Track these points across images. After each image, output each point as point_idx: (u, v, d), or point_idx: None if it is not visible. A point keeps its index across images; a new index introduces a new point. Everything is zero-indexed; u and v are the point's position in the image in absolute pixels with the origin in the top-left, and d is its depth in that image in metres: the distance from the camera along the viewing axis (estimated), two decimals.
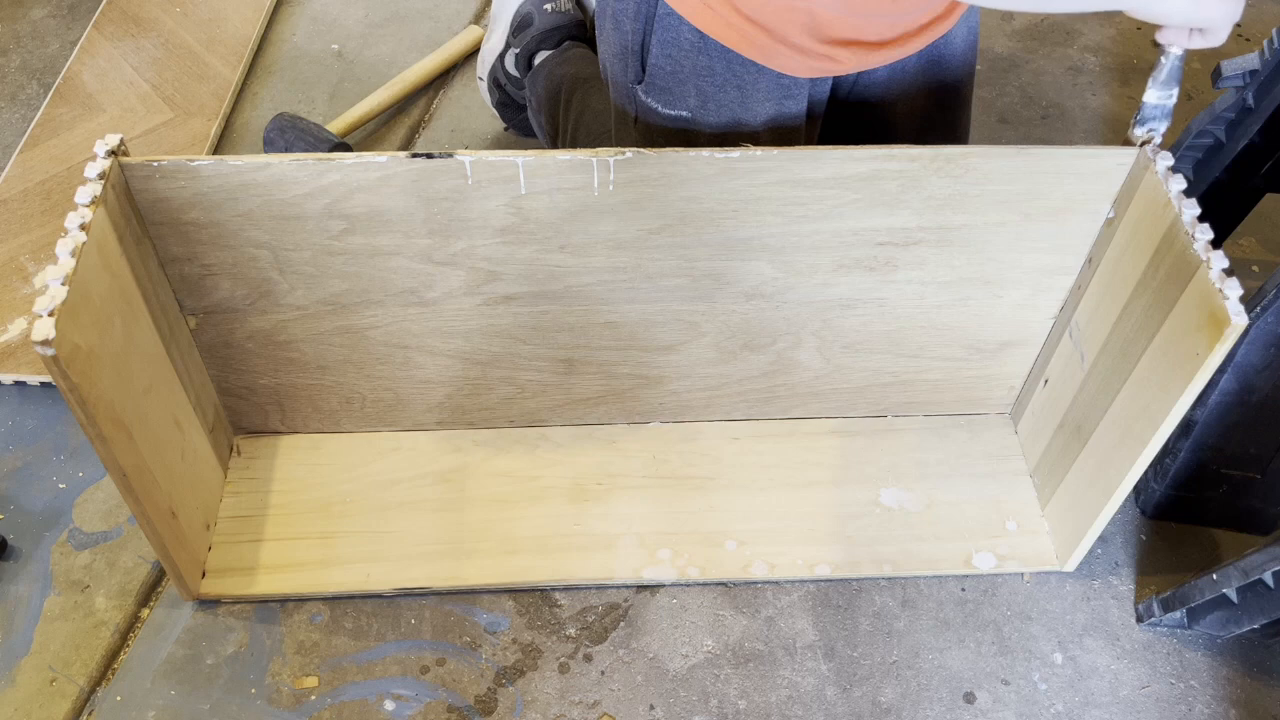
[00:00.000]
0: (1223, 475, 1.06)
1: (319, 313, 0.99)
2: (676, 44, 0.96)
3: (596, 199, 0.91)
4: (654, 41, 0.97)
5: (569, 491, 1.09)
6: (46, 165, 1.37)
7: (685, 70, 0.97)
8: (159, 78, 1.50)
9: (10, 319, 1.20)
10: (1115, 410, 0.93)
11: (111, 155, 0.84)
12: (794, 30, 0.92)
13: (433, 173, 0.88)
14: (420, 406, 1.11)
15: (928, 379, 1.12)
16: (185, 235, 0.91)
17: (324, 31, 1.61)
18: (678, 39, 0.95)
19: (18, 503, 1.08)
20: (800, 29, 0.92)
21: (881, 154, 0.89)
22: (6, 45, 1.58)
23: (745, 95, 0.97)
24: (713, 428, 1.15)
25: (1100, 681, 1.00)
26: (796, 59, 0.94)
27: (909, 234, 0.96)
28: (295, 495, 1.08)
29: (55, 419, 1.15)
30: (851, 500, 1.10)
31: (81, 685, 0.97)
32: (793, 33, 0.92)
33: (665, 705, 0.97)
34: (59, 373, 0.74)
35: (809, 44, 0.93)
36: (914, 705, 0.98)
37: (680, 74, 0.97)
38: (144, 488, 0.87)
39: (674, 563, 1.05)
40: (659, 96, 1.00)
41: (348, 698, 0.97)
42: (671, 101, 1.00)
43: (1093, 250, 0.97)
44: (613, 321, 1.02)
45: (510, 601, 1.03)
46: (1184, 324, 0.83)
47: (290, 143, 1.33)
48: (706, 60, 0.95)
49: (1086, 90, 1.58)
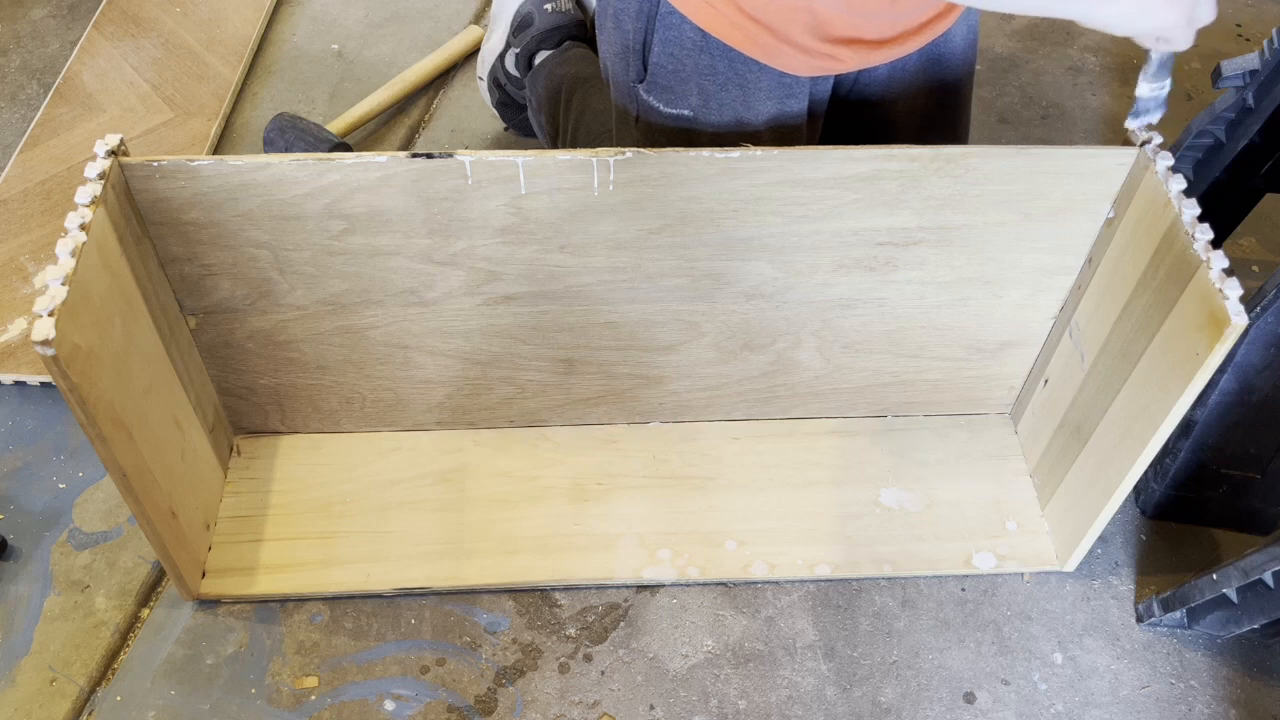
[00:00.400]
0: (1223, 475, 1.06)
1: (319, 313, 0.99)
2: (679, 43, 0.96)
3: (596, 199, 0.91)
4: (656, 40, 0.97)
5: (569, 491, 1.09)
6: (46, 165, 1.37)
7: (687, 69, 0.97)
8: (159, 78, 1.50)
9: (10, 319, 1.20)
10: (1115, 410, 0.93)
11: (111, 155, 0.84)
12: (796, 29, 0.92)
13: (433, 173, 0.88)
14: (420, 406, 1.11)
15: (928, 379, 1.12)
16: (185, 235, 0.91)
17: (324, 31, 1.61)
18: (680, 38, 0.95)
19: (18, 503, 1.08)
20: (802, 28, 0.92)
21: (881, 154, 0.89)
22: (6, 45, 1.58)
23: (747, 94, 0.97)
24: (713, 428, 1.15)
25: (1100, 681, 1.00)
26: (799, 58, 0.95)
27: (909, 234, 0.96)
28: (295, 495, 1.08)
29: (55, 419, 1.15)
30: (851, 500, 1.10)
31: (81, 685, 0.97)
32: (795, 31, 0.92)
33: (665, 705, 0.97)
34: (59, 373, 0.74)
35: (811, 43, 0.93)
36: (914, 705, 0.98)
37: (682, 73, 0.97)
38: (144, 488, 0.87)
39: (674, 563, 1.05)
40: (661, 95, 1.00)
41: (348, 698, 0.97)
42: (673, 100, 1.00)
43: (1093, 250, 0.97)
44: (613, 321, 1.02)
45: (510, 601, 1.03)
46: (1184, 324, 0.83)
47: (290, 143, 1.33)
48: (709, 59, 0.95)
49: (1086, 90, 1.58)
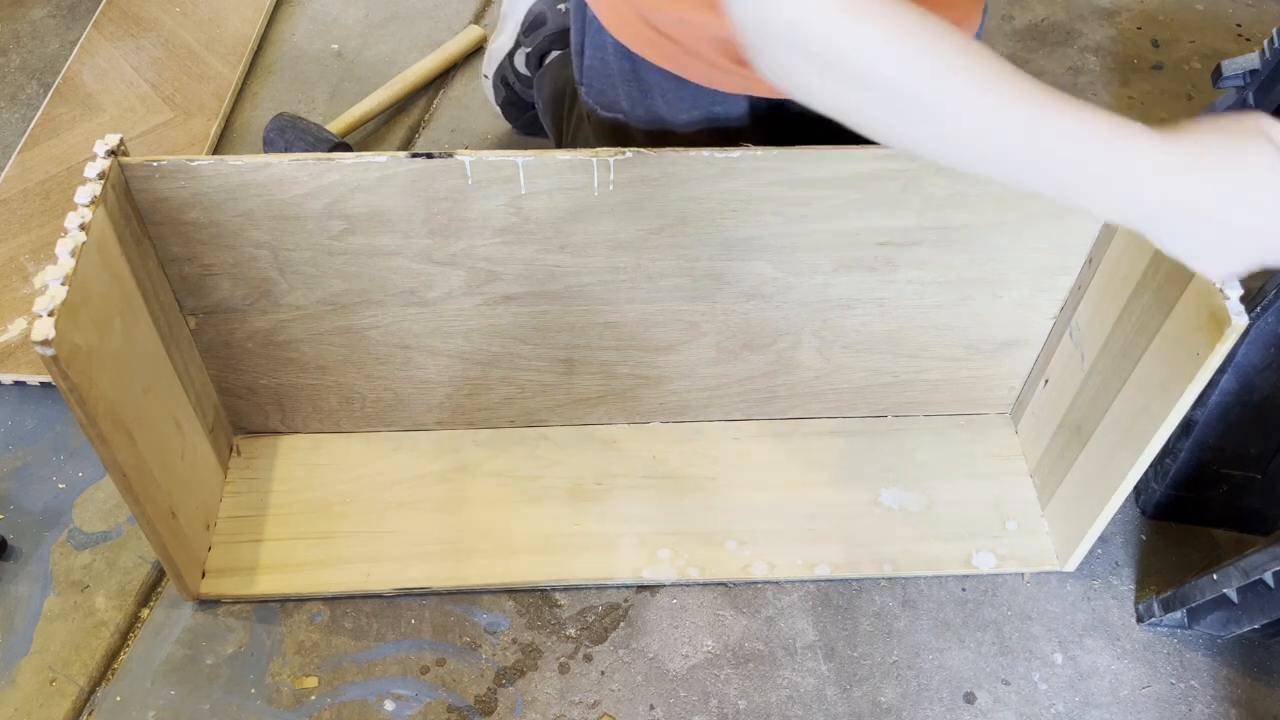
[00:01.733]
0: (1223, 475, 1.06)
1: (319, 313, 0.99)
2: (604, 47, 0.95)
3: (596, 199, 0.91)
4: (588, 44, 0.96)
5: (569, 491, 1.09)
6: (46, 165, 1.37)
7: (614, 73, 0.96)
8: (159, 78, 1.49)
9: (10, 319, 1.20)
10: (1115, 410, 0.93)
11: (111, 155, 0.84)
12: (702, 44, 0.90)
13: (433, 173, 0.88)
14: (420, 406, 1.11)
15: (928, 379, 1.12)
16: (185, 235, 0.91)
17: (324, 31, 1.61)
18: (604, 42, 0.95)
19: (18, 503, 1.08)
20: (708, 44, 0.90)
21: (882, 154, 0.89)
22: (6, 45, 1.58)
23: (670, 102, 0.95)
24: (713, 428, 1.15)
25: (1100, 681, 1.00)
26: (709, 71, 0.92)
27: (909, 234, 0.96)
28: (295, 495, 1.08)
29: (55, 419, 1.15)
30: (851, 500, 1.10)
31: (81, 685, 0.97)
32: (702, 47, 0.90)
33: (665, 705, 0.97)
34: (59, 373, 0.74)
35: (719, 60, 0.91)
36: (914, 705, 0.98)
37: (610, 76, 0.96)
38: (144, 488, 0.87)
39: (674, 563, 1.04)
40: (595, 97, 1.00)
41: (348, 698, 0.97)
42: (605, 104, 0.99)
43: (1093, 250, 0.97)
44: (613, 321, 1.02)
45: (510, 601, 1.03)
46: (1184, 324, 0.83)
47: (290, 143, 1.33)
48: (630, 65, 0.94)
49: (1087, 90, 1.58)
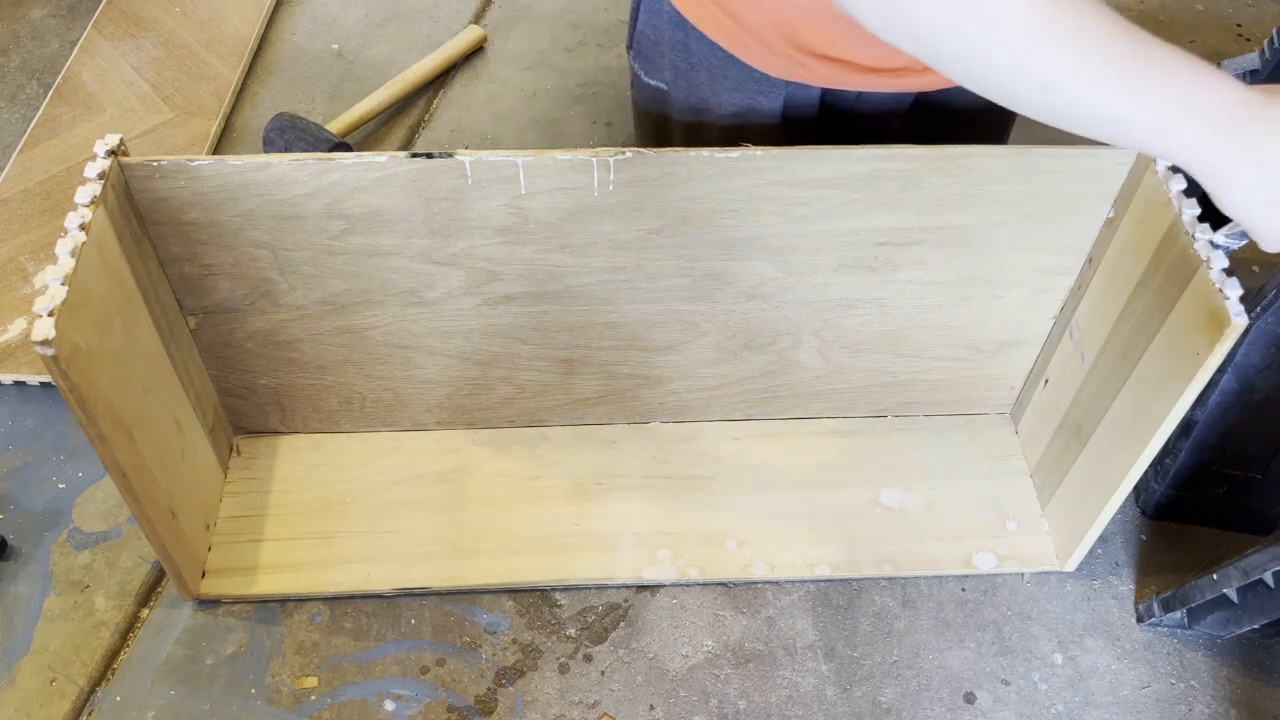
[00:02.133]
0: (1223, 475, 1.06)
1: (319, 313, 0.99)
2: (659, 14, 0.96)
3: (596, 199, 0.91)
4: (643, 9, 0.97)
5: (569, 491, 1.09)
6: (46, 165, 1.37)
7: (664, 42, 0.96)
8: (159, 78, 1.50)
9: (10, 319, 1.20)
10: (1115, 410, 0.93)
11: (111, 155, 0.84)
12: (764, 25, 0.90)
13: (433, 173, 0.88)
14: (420, 406, 1.11)
15: (927, 379, 1.12)
16: (185, 235, 0.91)
17: (324, 31, 1.61)
18: (660, 9, 0.95)
19: (18, 503, 1.08)
20: (769, 25, 0.90)
21: (882, 154, 0.89)
22: (6, 45, 1.58)
23: (715, 79, 0.96)
24: (713, 428, 1.15)
25: (1100, 681, 1.00)
26: (763, 54, 0.92)
27: (909, 234, 0.96)
28: (295, 495, 1.08)
29: (55, 419, 1.15)
30: (851, 500, 1.10)
31: (81, 685, 0.97)
32: (762, 28, 0.90)
33: (665, 705, 0.97)
34: (59, 373, 0.74)
35: (778, 43, 0.91)
36: (914, 705, 0.98)
37: (660, 44, 0.97)
38: (144, 488, 0.87)
39: (674, 563, 1.04)
40: (642, 64, 1.00)
41: (348, 698, 0.97)
42: (651, 71, 1.00)
43: (1093, 250, 0.97)
44: (613, 321, 1.02)
45: (510, 601, 1.03)
46: (1184, 324, 0.83)
47: (290, 143, 1.33)
48: (683, 35, 0.95)
49: None
